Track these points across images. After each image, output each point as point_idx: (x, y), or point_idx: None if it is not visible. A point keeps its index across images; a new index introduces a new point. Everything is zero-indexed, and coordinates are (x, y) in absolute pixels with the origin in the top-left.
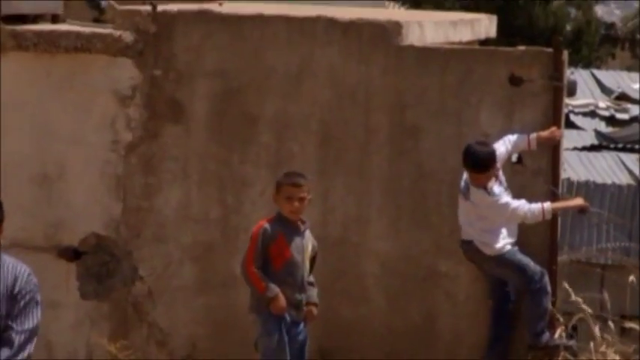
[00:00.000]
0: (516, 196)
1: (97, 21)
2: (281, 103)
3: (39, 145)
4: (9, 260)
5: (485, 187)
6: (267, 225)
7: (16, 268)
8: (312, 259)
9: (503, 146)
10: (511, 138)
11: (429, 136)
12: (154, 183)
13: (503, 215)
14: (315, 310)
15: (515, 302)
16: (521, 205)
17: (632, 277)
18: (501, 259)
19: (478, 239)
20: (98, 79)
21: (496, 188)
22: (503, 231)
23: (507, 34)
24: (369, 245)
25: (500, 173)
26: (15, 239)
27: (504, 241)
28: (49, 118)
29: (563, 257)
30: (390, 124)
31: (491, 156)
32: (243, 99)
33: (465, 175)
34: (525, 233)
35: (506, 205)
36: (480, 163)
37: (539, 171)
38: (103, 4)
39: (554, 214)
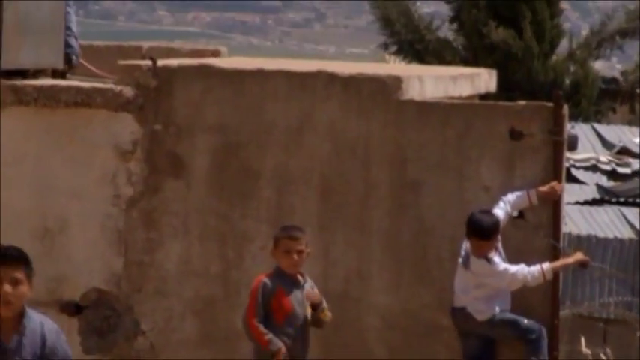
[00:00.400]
0: (517, 250)
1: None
2: (281, 158)
3: (40, 199)
4: (36, 317)
5: (486, 257)
6: (266, 279)
7: (44, 327)
8: (318, 305)
9: (502, 211)
10: (510, 198)
11: (429, 190)
12: (155, 237)
13: (503, 281)
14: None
15: None
16: (521, 269)
17: (639, 333)
18: (494, 320)
19: (472, 306)
20: (99, 133)
21: (496, 258)
22: (498, 299)
23: (507, 88)
24: (370, 299)
25: (500, 244)
26: None
27: (497, 307)
28: (50, 173)
29: (565, 311)
30: (390, 178)
31: (495, 226)
32: (243, 153)
33: (465, 245)
34: (527, 287)
35: (506, 270)
36: (484, 232)
37: (540, 225)
38: (74, 59)
39: (555, 272)
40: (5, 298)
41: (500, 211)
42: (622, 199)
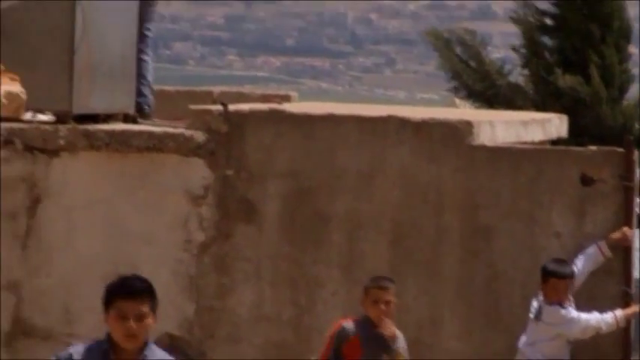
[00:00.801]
0: (589, 297)
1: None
2: (352, 203)
3: (111, 244)
4: (157, 351)
5: (560, 303)
6: (345, 324)
7: None
8: None
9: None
10: (580, 261)
11: (500, 236)
12: (227, 283)
13: (577, 329)
14: None
15: None
16: (594, 316)
17: None
18: None
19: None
20: (170, 178)
21: (569, 307)
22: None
23: (576, 133)
24: (442, 345)
25: (572, 297)
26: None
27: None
28: (121, 218)
29: (636, 359)
30: (461, 224)
31: (571, 269)
32: (314, 198)
33: (537, 299)
34: (599, 334)
35: (579, 318)
36: (561, 271)
37: (611, 271)
38: (147, 109)
39: (627, 320)
40: (130, 333)
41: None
42: None
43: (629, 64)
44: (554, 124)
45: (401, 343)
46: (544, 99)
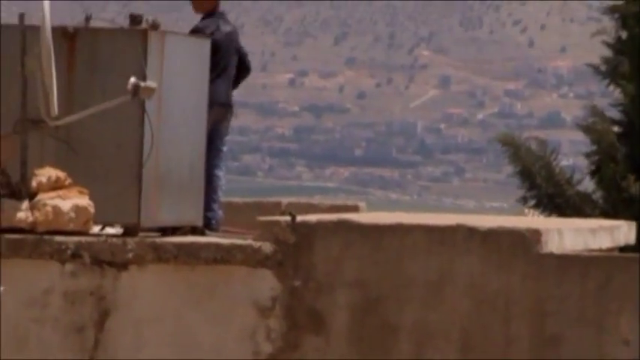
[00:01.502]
0: None
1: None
2: (421, 313)
3: (180, 357)
4: None
5: None
6: None
7: None
8: None
9: None
10: None
11: (569, 344)
12: None
13: None
14: None
15: None
16: None
17: None
18: None
19: None
20: (238, 290)
21: None
22: None
23: None
24: None
25: None
26: None
27: None
28: (190, 330)
29: None
30: (530, 332)
31: None
32: (383, 309)
33: None
34: None
35: None
36: None
37: None
38: (214, 224)
39: None
40: None
41: None
42: None
43: None
44: (623, 232)
45: None
46: (615, 206)
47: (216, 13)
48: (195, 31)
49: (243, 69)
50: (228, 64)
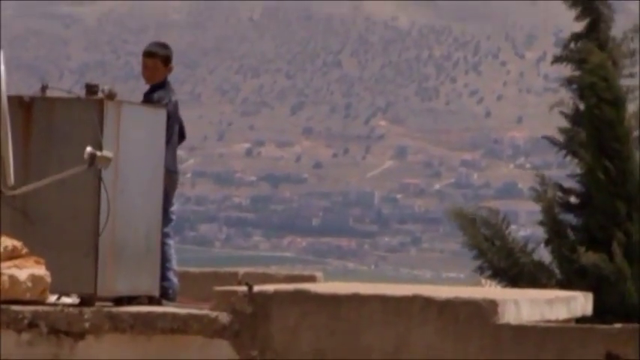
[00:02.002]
0: None
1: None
2: None
3: None
4: None
5: None
6: None
7: None
8: None
9: None
10: None
11: None
12: None
13: None
14: None
15: None
16: None
17: None
18: None
19: None
20: None
21: None
22: None
23: (600, 311)
24: None
25: None
26: None
27: None
28: None
29: None
30: None
31: None
32: None
33: None
34: None
35: None
36: None
37: None
38: (171, 293)
39: None
40: None
41: None
42: None
43: None
44: (580, 302)
45: None
46: (569, 277)
47: (166, 83)
48: (151, 102)
49: (181, 136)
50: (174, 133)
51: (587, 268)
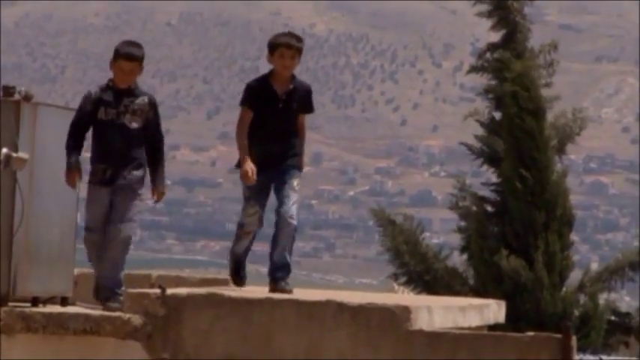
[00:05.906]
0: None
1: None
2: None
3: None
4: None
5: None
6: None
7: None
8: None
9: None
10: None
11: None
12: None
13: None
14: None
15: None
16: None
17: None
18: None
19: None
20: None
21: None
22: None
23: (515, 319)
24: None
25: None
26: None
27: None
28: None
29: None
30: None
31: None
32: None
33: None
34: None
35: None
36: None
37: None
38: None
39: None
40: None
41: None
42: None
43: (571, 251)
44: (492, 310)
45: None
46: (485, 284)
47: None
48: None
49: None
50: None
51: (505, 274)
